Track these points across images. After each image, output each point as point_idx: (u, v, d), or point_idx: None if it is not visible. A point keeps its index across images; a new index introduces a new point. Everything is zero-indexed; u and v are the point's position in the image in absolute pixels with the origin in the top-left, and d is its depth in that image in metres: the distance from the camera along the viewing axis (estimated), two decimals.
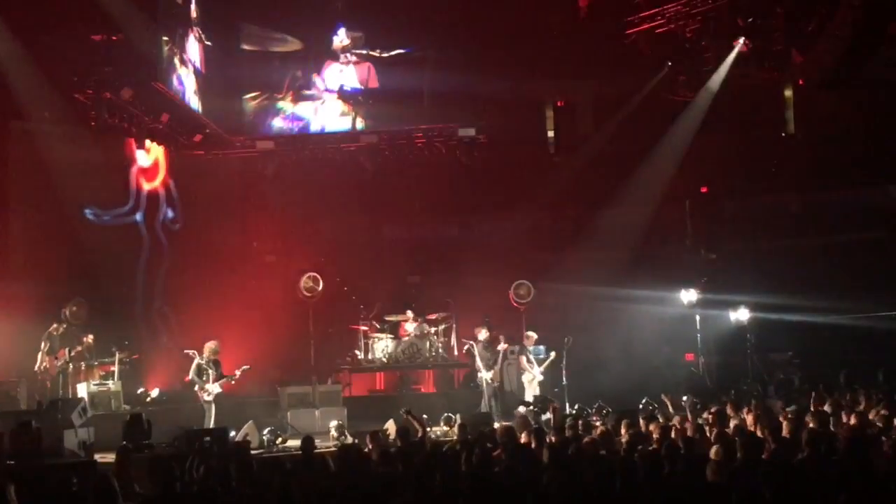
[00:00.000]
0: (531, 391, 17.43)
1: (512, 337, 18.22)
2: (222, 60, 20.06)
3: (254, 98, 20.65)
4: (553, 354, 17.65)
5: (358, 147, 21.08)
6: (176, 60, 17.72)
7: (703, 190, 21.86)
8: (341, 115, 20.80)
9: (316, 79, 20.69)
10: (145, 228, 19.67)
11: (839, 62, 17.33)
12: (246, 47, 20.48)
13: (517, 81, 20.45)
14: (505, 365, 17.72)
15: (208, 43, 19.40)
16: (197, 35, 18.93)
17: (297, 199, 21.15)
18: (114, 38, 16.66)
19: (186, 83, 18.28)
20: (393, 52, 20.62)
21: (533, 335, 18.13)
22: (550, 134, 22.33)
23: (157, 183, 20.08)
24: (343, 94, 20.65)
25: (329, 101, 20.74)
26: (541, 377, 17.53)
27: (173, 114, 18.83)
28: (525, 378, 17.70)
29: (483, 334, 17.50)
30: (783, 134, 21.52)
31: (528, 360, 17.72)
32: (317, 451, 11.93)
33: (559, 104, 22.29)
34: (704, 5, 19.06)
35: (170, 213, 20.31)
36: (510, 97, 20.60)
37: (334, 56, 20.68)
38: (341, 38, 20.59)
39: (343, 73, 20.73)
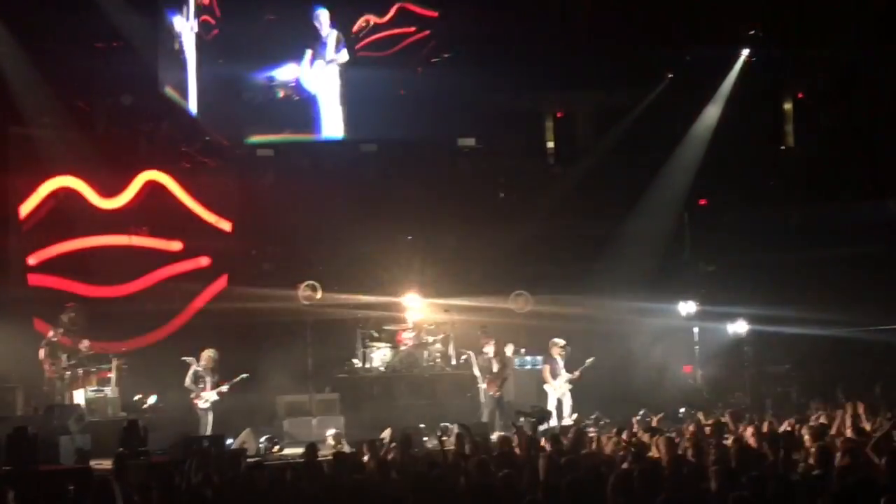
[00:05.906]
0: (556, 400, 16.79)
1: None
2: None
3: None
4: (589, 361, 16.95)
5: (357, 156, 21.08)
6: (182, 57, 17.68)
7: (702, 202, 21.88)
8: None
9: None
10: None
11: (839, 76, 17.43)
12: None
13: (517, 92, 20.49)
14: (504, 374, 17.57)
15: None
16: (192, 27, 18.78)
17: (295, 207, 21.10)
18: (115, 44, 16.69)
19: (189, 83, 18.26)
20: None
21: (559, 341, 17.22)
22: (550, 145, 22.38)
23: None
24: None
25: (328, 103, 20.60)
26: (569, 385, 16.85)
27: (173, 121, 18.84)
28: (550, 388, 16.98)
29: (490, 346, 17.16)
30: (782, 147, 21.61)
31: (553, 370, 16.97)
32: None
33: (559, 115, 22.35)
34: (704, 17, 19.16)
35: None
36: (510, 107, 20.64)
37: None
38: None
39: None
